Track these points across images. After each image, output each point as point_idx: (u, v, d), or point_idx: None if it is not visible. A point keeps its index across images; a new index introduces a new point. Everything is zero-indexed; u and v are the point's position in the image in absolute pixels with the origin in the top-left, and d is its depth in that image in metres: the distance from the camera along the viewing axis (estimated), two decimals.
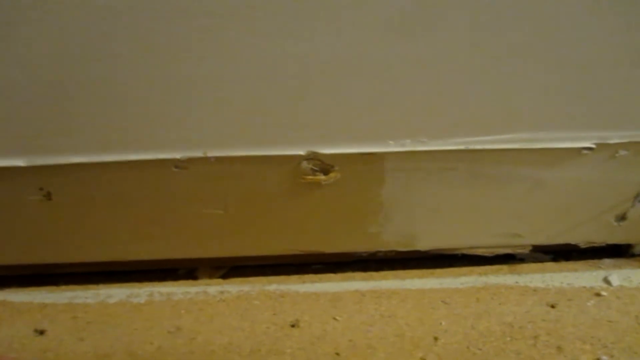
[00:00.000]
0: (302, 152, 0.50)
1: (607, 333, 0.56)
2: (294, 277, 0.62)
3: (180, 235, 0.56)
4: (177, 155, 0.50)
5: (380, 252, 0.61)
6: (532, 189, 0.55)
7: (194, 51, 0.45)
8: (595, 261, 0.65)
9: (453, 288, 0.61)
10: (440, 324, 0.57)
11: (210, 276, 0.64)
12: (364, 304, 0.59)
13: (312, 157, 0.50)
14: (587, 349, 0.54)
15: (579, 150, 0.53)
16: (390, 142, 0.50)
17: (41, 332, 0.55)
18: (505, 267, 0.64)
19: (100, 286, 0.61)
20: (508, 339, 0.56)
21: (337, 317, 0.57)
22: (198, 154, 0.50)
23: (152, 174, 0.51)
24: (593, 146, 0.53)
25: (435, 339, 0.55)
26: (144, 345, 0.54)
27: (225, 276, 0.64)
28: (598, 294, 0.60)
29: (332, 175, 0.52)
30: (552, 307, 0.59)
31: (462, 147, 0.51)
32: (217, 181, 0.52)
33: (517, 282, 0.62)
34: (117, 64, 0.45)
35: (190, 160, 0.50)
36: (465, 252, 0.62)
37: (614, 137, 0.52)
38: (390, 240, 0.59)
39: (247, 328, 0.56)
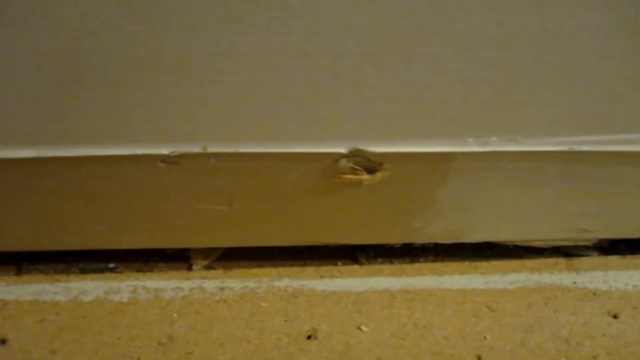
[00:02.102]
0: (342, 150, 0.36)
1: None
2: (310, 269, 0.51)
3: (170, 228, 0.43)
4: (164, 150, 0.35)
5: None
6: (631, 189, 0.42)
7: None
8: None
9: (500, 289, 0.51)
10: (485, 337, 0.48)
11: (206, 257, 0.52)
12: (395, 308, 0.49)
13: (356, 154, 0.36)
14: None
15: None
16: (470, 139, 0.36)
17: (2, 342, 0.44)
18: (561, 262, 0.53)
19: (72, 277, 0.50)
20: (563, 359, 0.47)
21: (363, 327, 0.48)
22: (195, 149, 0.35)
23: (133, 169, 0.36)
24: None
25: (478, 358, 0.46)
26: None
27: (223, 258, 0.52)
28: None
29: (378, 174, 0.38)
30: (615, 317, 0.50)
31: (564, 148, 0.37)
32: (219, 177, 0.38)
33: (574, 283, 0.52)
34: None
35: (183, 156, 0.35)
36: (518, 243, 0.51)
37: None
38: (434, 233, 0.48)
39: (255, 339, 0.46)
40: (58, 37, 0.30)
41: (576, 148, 0.38)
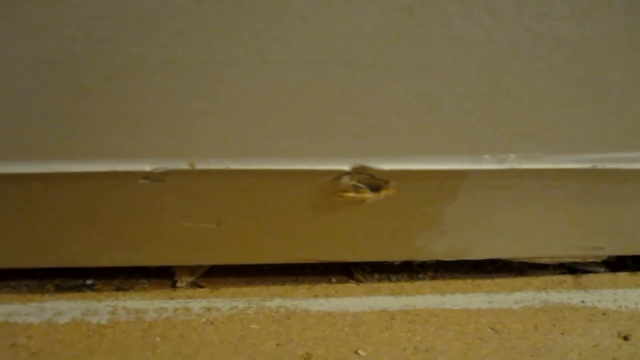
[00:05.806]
0: (346, 168, 0.32)
1: None
2: (303, 288, 0.48)
3: (153, 246, 0.39)
4: (147, 167, 0.31)
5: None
6: None
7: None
8: None
9: (505, 309, 0.48)
10: None
11: (192, 273, 0.48)
12: (394, 330, 0.46)
13: (360, 171, 0.33)
14: None
15: None
16: (486, 156, 0.32)
17: None
18: (568, 279, 0.51)
19: (46, 296, 0.46)
20: None
21: (360, 351, 0.44)
22: (181, 165, 0.31)
23: (112, 186, 0.32)
24: None
25: None
26: None
27: (210, 274, 0.48)
28: None
29: (383, 193, 0.34)
30: (625, 339, 0.48)
31: (587, 165, 0.34)
32: (207, 195, 0.34)
33: (583, 302, 0.49)
34: None
35: (168, 173, 0.31)
36: (524, 260, 0.48)
37: None
38: (437, 252, 0.45)
39: None
40: (28, 46, 0.26)
41: (600, 166, 0.35)
